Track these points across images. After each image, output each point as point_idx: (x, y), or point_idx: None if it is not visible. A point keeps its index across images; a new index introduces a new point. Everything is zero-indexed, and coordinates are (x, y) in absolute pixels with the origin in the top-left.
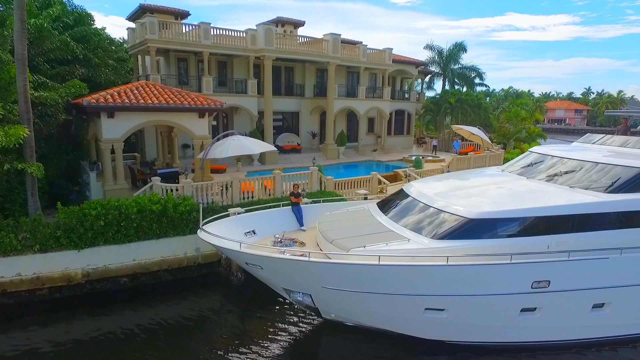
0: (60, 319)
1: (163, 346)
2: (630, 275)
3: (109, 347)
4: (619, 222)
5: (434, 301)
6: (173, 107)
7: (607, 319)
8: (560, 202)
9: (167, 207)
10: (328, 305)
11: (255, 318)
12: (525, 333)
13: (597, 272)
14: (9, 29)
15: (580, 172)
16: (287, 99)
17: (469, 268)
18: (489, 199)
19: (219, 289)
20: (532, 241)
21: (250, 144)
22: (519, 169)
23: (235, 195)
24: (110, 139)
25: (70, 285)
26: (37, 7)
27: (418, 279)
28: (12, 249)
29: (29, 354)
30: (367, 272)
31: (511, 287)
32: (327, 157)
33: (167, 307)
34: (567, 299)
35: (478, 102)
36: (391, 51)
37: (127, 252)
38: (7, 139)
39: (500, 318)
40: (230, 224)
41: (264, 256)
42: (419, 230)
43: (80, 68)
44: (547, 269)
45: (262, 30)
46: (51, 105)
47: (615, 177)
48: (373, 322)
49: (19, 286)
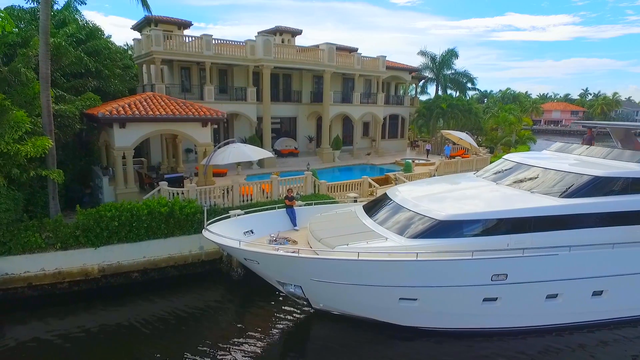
0: (78, 310)
1: (171, 334)
2: (577, 269)
3: (122, 336)
4: (570, 223)
5: (407, 292)
6: (179, 117)
7: (559, 308)
8: (520, 206)
9: (174, 209)
10: (316, 296)
11: (253, 309)
12: (488, 320)
13: (548, 267)
14: (32, 49)
15: (542, 179)
16: (285, 105)
17: (436, 263)
18: (459, 202)
19: (221, 284)
20: (493, 240)
21: (249, 151)
22: (491, 175)
23: (235, 198)
24: (122, 147)
25: (88, 280)
26: (54, 25)
27: (392, 273)
28: (36, 246)
29: (50, 341)
30: (348, 267)
31: (473, 279)
32: (323, 160)
33: (174, 300)
34: (523, 290)
35: (469, 107)
36: (384, 59)
37: (138, 249)
38: (35, 149)
39: (466, 306)
40: (230, 224)
41: (260, 253)
42: (396, 230)
43: (92, 80)
44: (504, 264)
45: (261, 41)
46: (69, 117)
47: (569, 183)
48: (356, 311)
49: (43, 280)
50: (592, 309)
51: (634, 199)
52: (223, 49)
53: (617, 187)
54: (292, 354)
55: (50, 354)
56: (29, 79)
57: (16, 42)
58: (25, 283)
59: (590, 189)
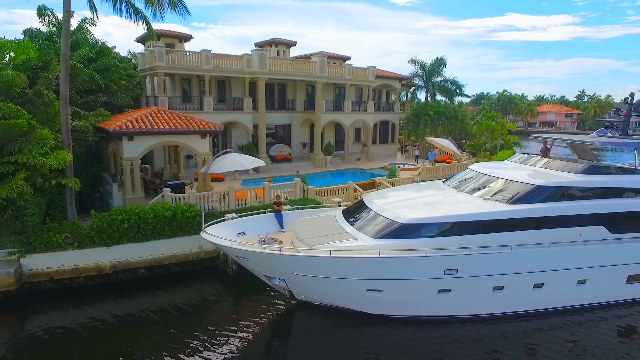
0: (93, 301)
1: (173, 323)
2: (519, 265)
3: (131, 324)
4: (514, 226)
5: (372, 284)
6: (180, 130)
7: (505, 299)
8: (471, 211)
9: (176, 213)
10: (298, 288)
11: (246, 301)
12: (444, 309)
13: (493, 263)
14: (52, 73)
15: (495, 187)
16: (280, 113)
17: (396, 259)
18: (421, 208)
19: (218, 279)
20: (447, 240)
21: (244, 160)
22: (456, 183)
23: (231, 202)
24: (130, 157)
25: (101, 275)
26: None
27: (359, 267)
28: (57, 245)
29: (70, 327)
30: (322, 262)
31: (428, 273)
32: (315, 165)
33: (176, 293)
34: (472, 283)
35: (455, 114)
36: (374, 68)
37: (144, 248)
38: (57, 162)
39: (424, 297)
40: (226, 226)
41: (249, 250)
42: (366, 232)
43: (102, 96)
44: (453, 260)
45: (256, 55)
46: (83, 131)
47: (515, 191)
48: (332, 301)
49: (62, 275)
50: (533, 299)
51: (569, 204)
52: (221, 62)
53: (555, 195)
54: (278, 340)
55: (69, 338)
56: (50, 99)
57: (38, 66)
58: (47, 277)
59: (532, 196)
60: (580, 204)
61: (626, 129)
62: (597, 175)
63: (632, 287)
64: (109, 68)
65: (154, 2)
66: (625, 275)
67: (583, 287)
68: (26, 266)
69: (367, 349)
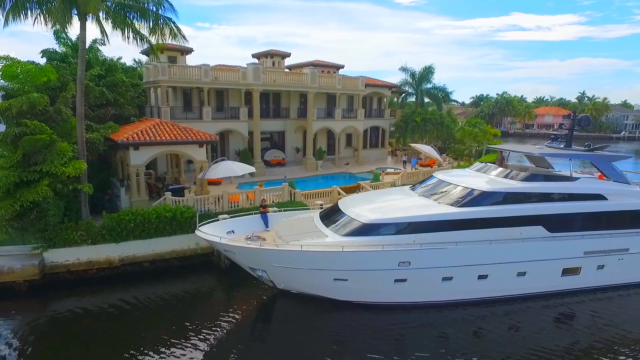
0: (104, 290)
1: (173, 309)
2: (464, 259)
3: (136, 310)
4: (460, 226)
5: (339, 274)
6: (180, 141)
7: (453, 288)
8: (424, 213)
9: (176, 214)
10: (277, 278)
11: (236, 290)
12: (401, 296)
13: (441, 257)
14: (69, 92)
15: (449, 192)
16: (275, 121)
17: (357, 253)
18: (383, 210)
19: (212, 272)
20: (402, 237)
21: (236, 167)
22: (420, 189)
23: (225, 204)
24: (136, 164)
25: (111, 267)
26: None
27: (326, 260)
28: (73, 242)
29: (85, 312)
30: (295, 255)
31: (385, 265)
32: (307, 169)
33: (176, 283)
34: (423, 274)
35: (441, 120)
36: (364, 78)
37: (148, 245)
38: (74, 170)
39: (382, 285)
40: (218, 225)
41: (234, 245)
42: (336, 230)
43: (111, 109)
44: (406, 254)
45: (251, 68)
46: (95, 142)
47: (464, 196)
48: (306, 289)
49: (78, 267)
50: (479, 289)
51: (511, 207)
52: (219, 74)
53: (497, 199)
54: (262, 324)
55: (84, 320)
56: (68, 116)
57: (57, 86)
58: (65, 269)
59: (478, 200)
60: (521, 207)
61: (569, 142)
62: (536, 182)
63: (567, 279)
64: (117, 83)
65: (157, 32)
66: (561, 269)
67: (523, 279)
68: (48, 259)
69: (336, 332)
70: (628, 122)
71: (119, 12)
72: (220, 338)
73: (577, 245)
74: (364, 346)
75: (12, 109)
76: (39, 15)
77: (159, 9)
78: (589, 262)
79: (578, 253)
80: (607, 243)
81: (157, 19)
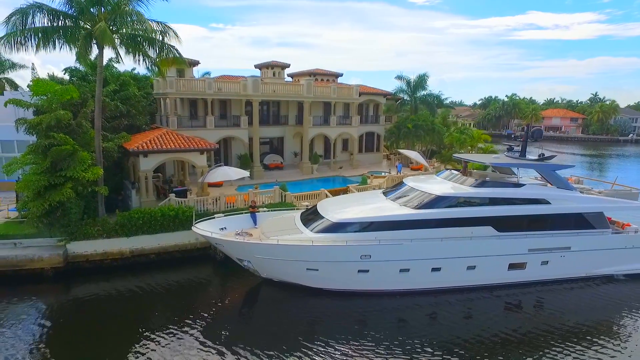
0: (116, 278)
1: (175, 295)
2: (418, 253)
3: (144, 294)
4: (416, 225)
5: (310, 265)
6: (183, 149)
7: (410, 278)
8: (384, 214)
9: (178, 213)
10: (260, 267)
11: (229, 279)
12: (364, 284)
13: (398, 252)
14: (89, 108)
15: (411, 196)
16: (275, 127)
17: (324, 247)
18: (352, 211)
19: (209, 263)
20: (366, 235)
21: (232, 172)
22: (390, 193)
23: (222, 205)
24: (145, 169)
25: (122, 258)
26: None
27: (299, 252)
28: (91, 235)
29: (101, 296)
30: (273, 248)
31: (349, 257)
32: (303, 172)
33: (178, 273)
34: (383, 266)
35: (432, 127)
36: (358, 87)
37: (155, 239)
38: (93, 175)
39: (348, 275)
40: (212, 223)
41: (224, 239)
42: (310, 227)
43: (124, 120)
44: (367, 249)
45: (251, 81)
46: (110, 151)
47: (421, 200)
48: (284, 278)
49: (95, 257)
50: (433, 279)
51: (460, 210)
52: (222, 86)
53: (450, 203)
54: (248, 306)
55: (100, 302)
56: (87, 129)
57: (78, 103)
58: (84, 259)
59: (433, 203)
60: (472, 209)
61: (524, 152)
62: (486, 188)
63: (513, 273)
64: (130, 97)
65: (162, 56)
66: (507, 264)
67: (473, 272)
68: (70, 250)
69: (308, 314)
70: (637, 125)
71: (131, 41)
72: (214, 318)
73: (522, 243)
74: (331, 327)
75: (43, 124)
76: (64, 44)
77: (164, 37)
78: (533, 259)
79: (523, 250)
80: (550, 242)
81: (162, 46)
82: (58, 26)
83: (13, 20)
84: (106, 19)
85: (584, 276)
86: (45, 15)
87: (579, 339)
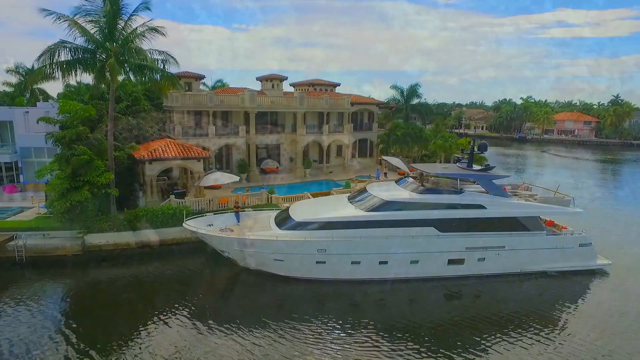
0: (123, 265)
1: (173, 279)
2: (367, 248)
3: (147, 279)
4: (368, 225)
5: (277, 256)
6: (182, 157)
7: (361, 269)
8: (339, 215)
9: (176, 212)
10: (239, 258)
11: (216, 267)
12: (322, 273)
13: (350, 247)
14: (104, 124)
15: (367, 200)
16: (272, 135)
17: (287, 241)
18: (314, 212)
19: (202, 254)
20: (324, 232)
21: (224, 178)
22: (353, 197)
23: (215, 205)
24: (150, 174)
25: (129, 249)
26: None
27: (265, 246)
28: (104, 229)
29: (112, 279)
30: (245, 242)
31: (308, 251)
32: (296, 176)
33: (176, 262)
34: (337, 258)
35: (420, 134)
36: (349, 98)
37: (157, 233)
38: (106, 180)
39: (308, 265)
40: (201, 220)
41: (207, 234)
42: (279, 225)
43: (134, 132)
44: (323, 244)
45: (248, 94)
46: (120, 159)
47: (372, 203)
48: (257, 267)
49: (106, 247)
50: (381, 271)
51: (408, 213)
52: (223, 98)
53: (397, 207)
54: (229, 290)
55: (111, 285)
56: (102, 141)
57: (95, 119)
58: (98, 248)
59: (382, 207)
60: (416, 212)
61: (470, 163)
62: (430, 194)
63: (452, 267)
64: (140, 111)
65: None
66: (447, 259)
67: (416, 265)
68: (87, 241)
69: (277, 297)
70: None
71: (138, 70)
72: (203, 299)
73: (460, 242)
74: (294, 308)
75: (66, 138)
76: (83, 71)
77: (165, 65)
78: (471, 255)
79: (461, 248)
80: (485, 241)
81: (164, 74)
82: (79, 58)
83: (42, 60)
84: (117, 52)
85: (519, 272)
86: (68, 51)
87: (515, 325)
